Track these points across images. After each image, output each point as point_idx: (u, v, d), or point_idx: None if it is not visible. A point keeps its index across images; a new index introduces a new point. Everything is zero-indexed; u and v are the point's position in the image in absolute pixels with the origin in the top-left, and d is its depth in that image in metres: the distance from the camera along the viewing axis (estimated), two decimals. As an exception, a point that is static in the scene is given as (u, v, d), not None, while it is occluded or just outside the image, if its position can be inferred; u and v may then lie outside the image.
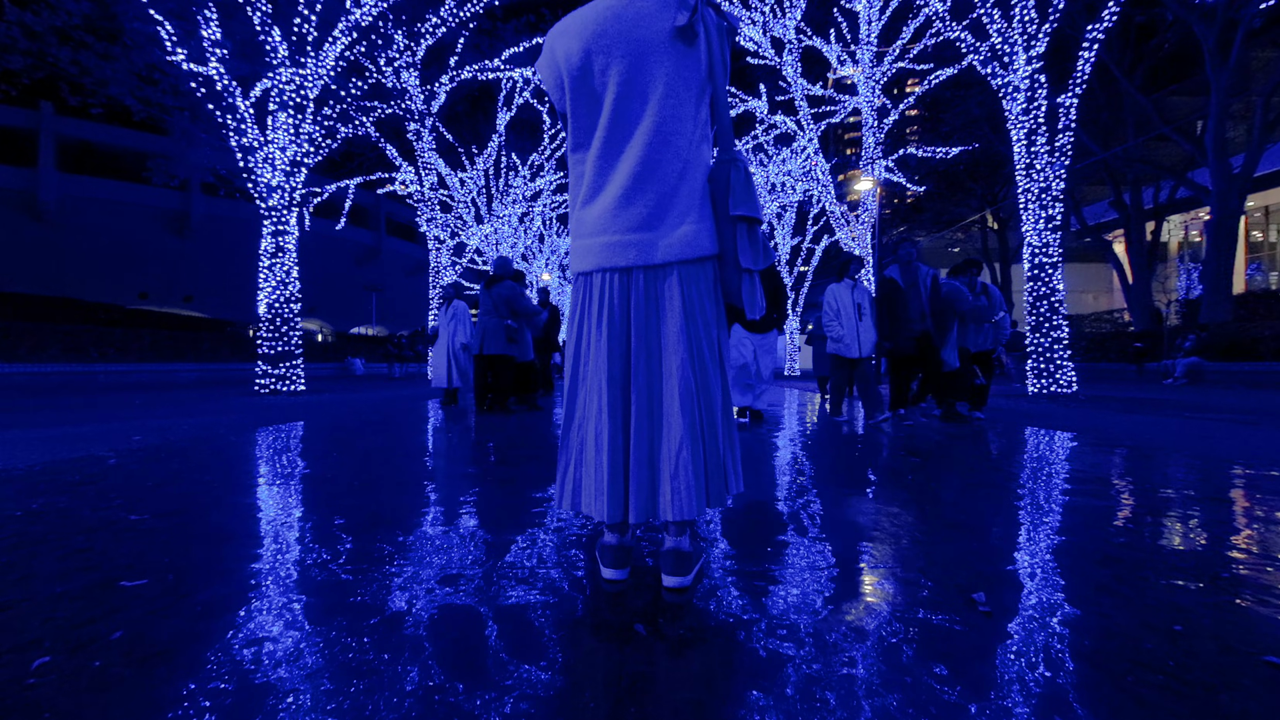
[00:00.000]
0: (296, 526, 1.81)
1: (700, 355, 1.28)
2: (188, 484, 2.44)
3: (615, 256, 1.28)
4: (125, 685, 0.91)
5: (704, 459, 1.27)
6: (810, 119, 14.39)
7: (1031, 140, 8.64)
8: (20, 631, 1.09)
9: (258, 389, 9.34)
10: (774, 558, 1.54)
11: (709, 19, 1.28)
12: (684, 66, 1.26)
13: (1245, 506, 2.11)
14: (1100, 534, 1.75)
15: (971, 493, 2.33)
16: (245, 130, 9.22)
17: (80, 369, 16.98)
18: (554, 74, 1.33)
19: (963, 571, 1.42)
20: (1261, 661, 1.00)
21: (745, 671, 0.97)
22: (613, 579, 1.34)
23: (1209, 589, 1.32)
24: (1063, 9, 8.35)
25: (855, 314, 4.98)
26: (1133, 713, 0.85)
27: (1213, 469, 2.85)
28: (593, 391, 1.32)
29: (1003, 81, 8.82)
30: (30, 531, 1.73)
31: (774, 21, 13.56)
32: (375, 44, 12.70)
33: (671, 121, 1.26)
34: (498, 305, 5.95)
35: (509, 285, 5.99)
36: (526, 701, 0.88)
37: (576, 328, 1.36)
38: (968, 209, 29.29)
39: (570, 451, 1.37)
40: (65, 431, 4.24)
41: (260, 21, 9.04)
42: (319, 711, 0.85)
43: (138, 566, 1.44)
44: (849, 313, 5.00)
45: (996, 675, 0.95)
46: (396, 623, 1.14)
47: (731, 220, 1.30)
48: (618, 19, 1.25)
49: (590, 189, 1.33)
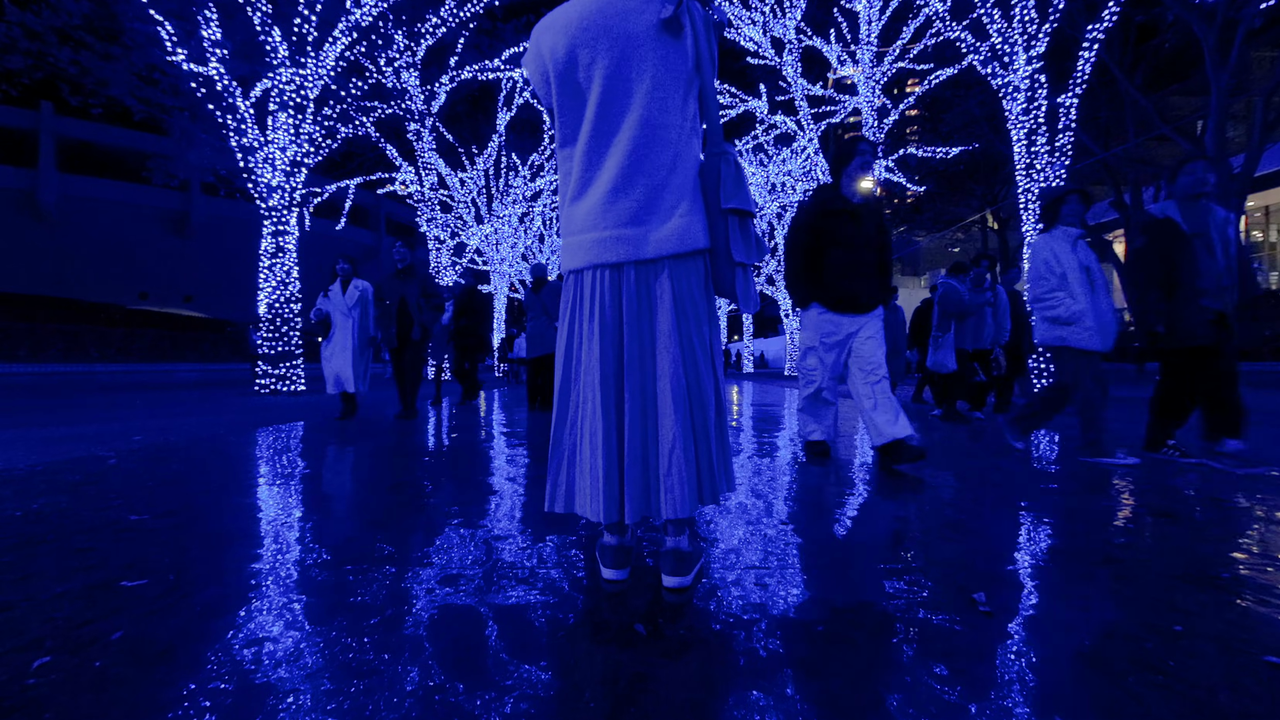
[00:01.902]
0: (296, 527, 1.81)
1: (692, 351, 1.27)
2: (188, 484, 2.44)
3: (605, 252, 1.26)
4: (125, 685, 0.91)
5: (696, 456, 1.26)
6: (810, 119, 14.39)
7: (1031, 140, 8.64)
8: (20, 631, 1.09)
9: (258, 389, 9.35)
10: (774, 557, 1.53)
11: (695, 12, 1.27)
12: (670, 60, 1.25)
13: (1245, 507, 2.11)
14: (1100, 534, 1.75)
15: (971, 492, 2.33)
16: (245, 130, 9.22)
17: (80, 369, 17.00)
18: (540, 70, 1.32)
19: (963, 571, 1.42)
20: (1261, 661, 1.00)
21: (745, 671, 0.97)
22: (613, 579, 1.34)
23: (1209, 589, 1.32)
24: (1063, 9, 8.35)
25: (1086, 280, 3.15)
26: (1133, 713, 0.85)
27: (1212, 468, 2.84)
28: (585, 390, 1.30)
29: (1003, 81, 8.82)
30: (30, 531, 1.73)
31: (774, 21, 13.57)
32: (375, 44, 12.70)
33: (659, 114, 1.25)
34: (548, 308, 6.09)
35: (555, 286, 6.18)
36: (527, 701, 0.88)
37: (568, 326, 1.35)
38: (968, 209, 29.27)
39: (563, 452, 1.35)
40: (65, 431, 4.24)
41: (260, 22, 9.04)
42: (319, 711, 0.85)
43: (138, 566, 1.44)
44: (1078, 277, 3.15)
45: (997, 675, 0.95)
46: (396, 622, 1.14)
47: (723, 214, 1.29)
48: (602, 13, 1.24)
49: (579, 184, 1.31)
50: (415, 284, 5.32)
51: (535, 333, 6.23)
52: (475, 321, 7.29)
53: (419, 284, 5.34)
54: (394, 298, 5.27)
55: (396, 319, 5.28)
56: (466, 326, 7.27)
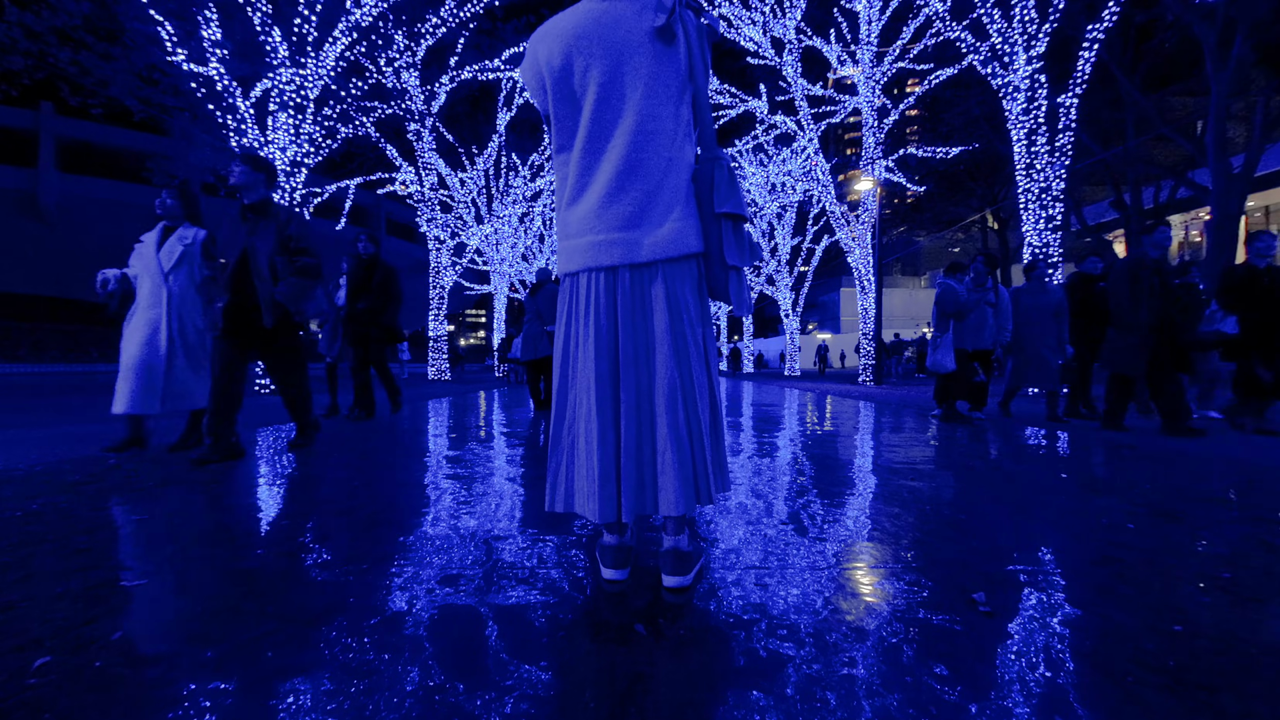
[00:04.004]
0: (297, 526, 1.81)
1: (686, 353, 1.29)
2: (187, 484, 2.44)
3: (601, 256, 1.29)
4: (125, 685, 0.91)
5: (692, 456, 1.28)
6: (810, 119, 14.39)
7: (1032, 140, 8.64)
8: (20, 631, 1.09)
9: (257, 389, 9.35)
10: (774, 557, 1.54)
11: (688, 20, 1.30)
12: (663, 67, 1.28)
13: (1245, 506, 2.11)
14: (1100, 533, 1.75)
15: (971, 492, 2.33)
16: (245, 131, 9.23)
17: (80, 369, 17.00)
18: (536, 77, 1.35)
19: (963, 571, 1.42)
20: (1262, 661, 1.00)
21: (745, 671, 0.97)
22: (613, 579, 1.34)
23: (1209, 589, 1.32)
24: (1063, 9, 8.36)
25: None
26: (1133, 713, 0.85)
27: (1213, 468, 2.85)
28: (582, 392, 1.32)
29: (1003, 81, 8.83)
30: (30, 531, 1.73)
31: (774, 21, 13.57)
32: (375, 44, 12.72)
33: (652, 120, 1.27)
34: (541, 311, 6.09)
35: (550, 290, 6.18)
36: (527, 701, 0.88)
37: (565, 328, 1.37)
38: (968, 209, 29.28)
39: (561, 452, 1.37)
40: (65, 431, 4.24)
41: (260, 22, 9.05)
42: (319, 711, 0.85)
43: (137, 567, 1.44)
44: None
45: (997, 675, 0.95)
46: (396, 622, 1.14)
47: (716, 218, 1.31)
48: (597, 22, 1.27)
49: (574, 189, 1.34)
50: (271, 231, 3.07)
51: (530, 335, 6.26)
52: (379, 304, 5.10)
53: (277, 231, 3.08)
54: (231, 253, 3.03)
55: (232, 287, 3.01)
56: (366, 311, 5.05)
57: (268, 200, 3.16)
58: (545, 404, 6.33)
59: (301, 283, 3.07)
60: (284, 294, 3.02)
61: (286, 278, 3.05)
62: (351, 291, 5.15)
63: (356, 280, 5.15)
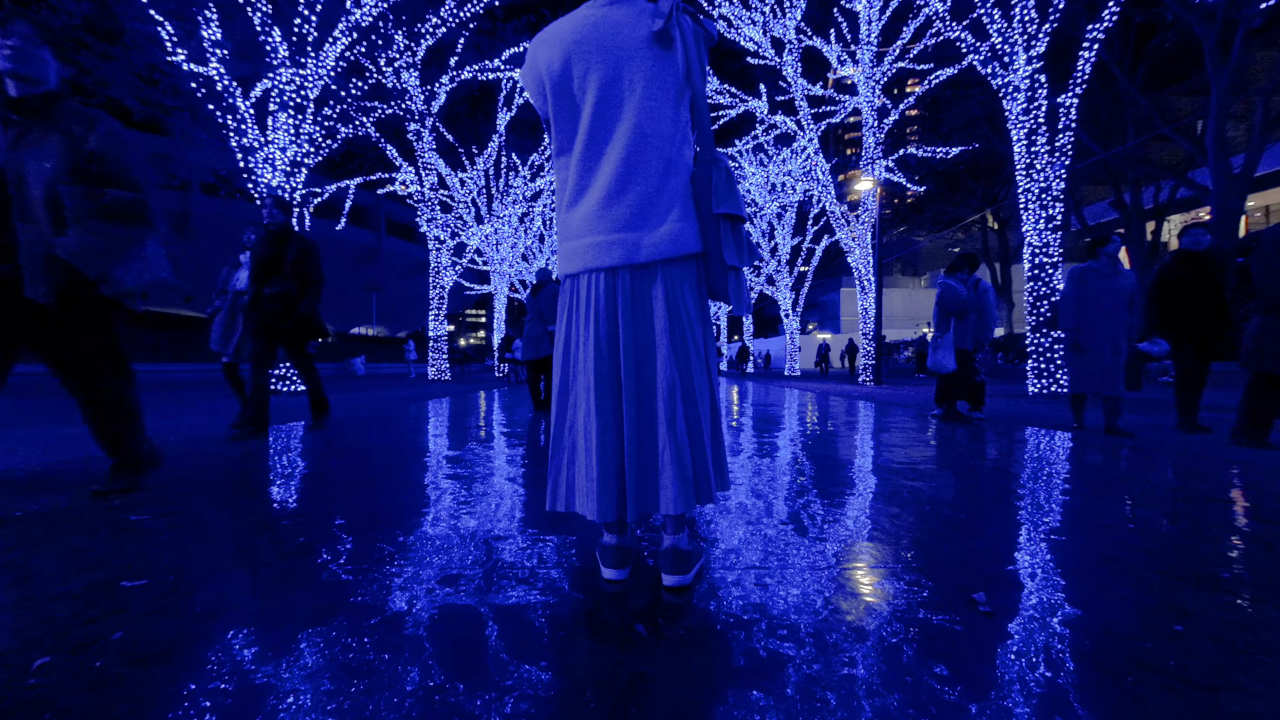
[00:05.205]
0: (297, 526, 1.81)
1: (685, 353, 1.30)
2: (187, 484, 2.44)
3: (601, 257, 1.30)
4: (125, 685, 0.91)
5: (691, 455, 1.29)
6: (810, 119, 14.39)
7: (1032, 140, 8.64)
8: (20, 631, 1.09)
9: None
10: (774, 557, 1.53)
11: (685, 25, 1.31)
12: (661, 71, 1.29)
13: (1245, 505, 2.11)
14: (1100, 534, 1.75)
15: (971, 492, 2.33)
16: (245, 130, 9.23)
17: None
18: (536, 82, 1.37)
19: (963, 571, 1.42)
20: (1261, 661, 1.00)
21: (745, 671, 0.97)
22: (613, 579, 1.34)
23: (1209, 589, 1.32)
24: (1063, 9, 8.36)
25: None
26: (1133, 713, 0.85)
27: (1212, 468, 2.85)
28: (582, 392, 1.33)
29: (1003, 81, 8.83)
30: (30, 531, 1.73)
31: (774, 21, 13.57)
32: (375, 44, 12.72)
33: (651, 123, 1.29)
34: (543, 312, 6.09)
35: (551, 290, 6.19)
36: (527, 701, 0.88)
37: (565, 329, 1.38)
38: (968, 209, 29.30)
39: (563, 453, 1.38)
40: (65, 431, 4.24)
41: (260, 22, 9.05)
42: (319, 711, 0.85)
43: (138, 566, 1.44)
44: None
45: (997, 675, 0.95)
46: (397, 622, 1.14)
47: (715, 218, 1.32)
48: (596, 27, 1.29)
49: (574, 192, 1.35)
50: (53, 145, 1.91)
51: (532, 335, 6.27)
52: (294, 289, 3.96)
53: (64, 145, 1.92)
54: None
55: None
56: (276, 298, 3.90)
57: (53, 92, 1.96)
58: (544, 405, 6.33)
59: (110, 230, 1.95)
60: (73, 249, 1.87)
61: (82, 221, 1.89)
62: (256, 273, 3.89)
63: (263, 259, 3.89)
